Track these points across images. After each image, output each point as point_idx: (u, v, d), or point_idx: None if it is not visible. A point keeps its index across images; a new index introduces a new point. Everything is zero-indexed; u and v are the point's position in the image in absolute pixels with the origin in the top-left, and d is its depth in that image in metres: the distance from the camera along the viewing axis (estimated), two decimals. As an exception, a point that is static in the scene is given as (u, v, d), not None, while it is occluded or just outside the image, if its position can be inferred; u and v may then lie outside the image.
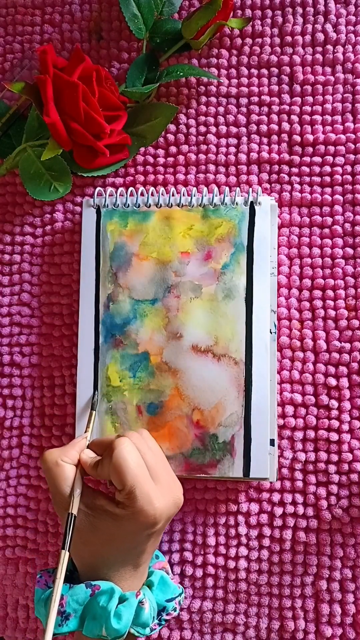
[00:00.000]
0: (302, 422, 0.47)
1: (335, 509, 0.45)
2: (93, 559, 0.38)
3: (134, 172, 0.51)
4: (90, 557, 0.38)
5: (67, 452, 0.39)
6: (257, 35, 0.51)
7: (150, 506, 0.36)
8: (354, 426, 0.46)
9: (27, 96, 0.46)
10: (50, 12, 0.54)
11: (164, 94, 0.52)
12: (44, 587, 0.39)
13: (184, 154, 0.51)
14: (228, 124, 0.51)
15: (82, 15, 0.53)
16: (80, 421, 0.46)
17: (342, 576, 0.45)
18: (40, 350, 0.50)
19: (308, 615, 0.45)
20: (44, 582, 0.39)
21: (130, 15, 0.49)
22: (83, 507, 0.37)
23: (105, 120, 0.47)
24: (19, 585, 0.49)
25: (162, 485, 0.38)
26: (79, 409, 0.47)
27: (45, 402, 0.49)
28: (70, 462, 0.39)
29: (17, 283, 0.51)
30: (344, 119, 0.50)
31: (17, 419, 0.50)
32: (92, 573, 0.38)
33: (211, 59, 0.51)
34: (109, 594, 0.36)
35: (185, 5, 0.52)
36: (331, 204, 0.49)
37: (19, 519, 0.49)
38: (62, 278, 0.50)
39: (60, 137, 0.46)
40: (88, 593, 0.37)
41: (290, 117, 0.50)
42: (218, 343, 0.46)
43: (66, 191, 0.49)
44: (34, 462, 0.49)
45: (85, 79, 0.45)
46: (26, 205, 0.52)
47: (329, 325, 0.47)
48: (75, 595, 0.36)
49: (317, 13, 0.51)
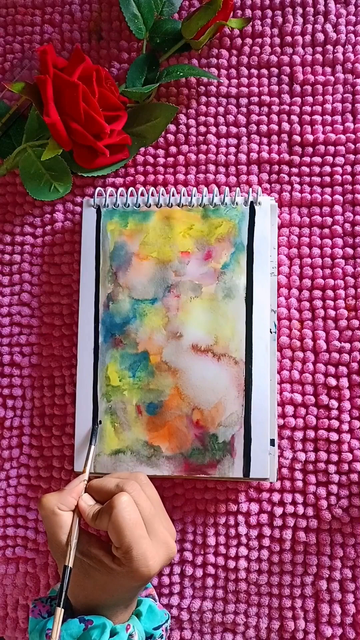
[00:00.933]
0: (302, 422, 0.47)
1: (335, 509, 0.45)
2: (86, 600, 0.38)
3: (134, 172, 0.51)
4: (84, 599, 0.38)
5: (65, 498, 0.39)
6: (257, 35, 0.51)
7: (146, 567, 0.36)
8: (354, 426, 0.46)
9: (27, 96, 0.46)
10: (50, 12, 0.54)
11: (164, 94, 0.52)
12: (37, 617, 0.40)
13: (184, 154, 0.51)
14: (228, 124, 0.51)
15: (82, 15, 0.53)
16: (80, 423, 0.46)
17: (342, 576, 0.45)
18: (40, 350, 0.50)
19: (308, 615, 0.45)
20: (38, 611, 0.40)
21: (130, 15, 0.49)
22: (79, 553, 0.38)
23: (105, 120, 0.47)
24: (19, 585, 0.49)
25: (157, 539, 0.38)
26: (79, 409, 0.47)
27: (46, 402, 0.49)
28: (67, 510, 0.39)
29: (17, 283, 0.51)
30: (344, 119, 0.50)
31: (17, 419, 0.50)
32: (86, 609, 0.39)
33: (211, 59, 0.51)
34: (101, 629, 0.37)
35: (185, 6, 0.52)
36: (331, 204, 0.49)
37: (19, 519, 0.49)
38: (62, 278, 0.50)
39: (60, 137, 0.46)
40: (81, 628, 0.37)
41: (290, 117, 0.50)
42: (218, 343, 0.46)
43: (66, 191, 0.49)
44: (34, 462, 0.49)
45: (85, 79, 0.45)
46: (26, 205, 0.52)
47: (329, 325, 0.47)
48: (69, 629, 0.37)
49: (317, 13, 0.51)
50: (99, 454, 0.46)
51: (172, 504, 0.47)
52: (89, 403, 0.47)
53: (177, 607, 0.46)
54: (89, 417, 0.46)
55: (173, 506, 0.47)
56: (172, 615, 0.47)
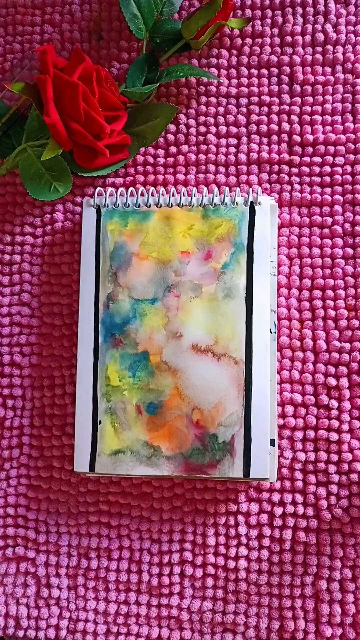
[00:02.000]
0: (302, 422, 0.47)
1: (335, 509, 0.45)
2: None
3: (134, 172, 0.51)
4: None
5: None
6: (257, 36, 0.51)
7: None
8: (354, 426, 0.46)
9: (27, 96, 0.46)
10: (50, 12, 0.54)
11: (164, 94, 0.52)
12: None
13: (184, 154, 0.51)
14: (228, 124, 0.51)
15: (82, 15, 0.53)
16: (80, 423, 0.46)
17: (342, 576, 0.45)
18: (40, 350, 0.50)
19: (308, 615, 0.45)
20: None
21: (131, 15, 0.49)
22: None
23: (105, 120, 0.47)
24: (19, 585, 0.49)
25: None
26: (79, 409, 0.47)
27: (45, 402, 0.49)
28: None
29: (17, 283, 0.51)
30: (344, 119, 0.50)
31: (17, 419, 0.50)
32: None
33: (211, 59, 0.51)
34: None
35: (185, 5, 0.52)
36: (331, 204, 0.49)
37: (19, 519, 0.49)
38: (62, 278, 0.51)
39: (60, 137, 0.46)
40: None
41: (290, 117, 0.50)
42: (218, 342, 0.46)
43: (66, 191, 0.49)
44: (34, 462, 0.49)
45: (85, 79, 0.45)
46: (26, 205, 0.52)
47: (329, 325, 0.47)
48: None
49: (317, 13, 0.51)
50: (99, 454, 0.46)
51: (172, 504, 0.47)
52: (89, 403, 0.47)
53: (177, 607, 0.47)
54: (89, 417, 0.46)
55: (173, 506, 0.47)
56: (172, 616, 0.47)
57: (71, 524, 0.48)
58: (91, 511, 0.48)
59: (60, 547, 0.48)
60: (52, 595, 0.48)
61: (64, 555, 0.48)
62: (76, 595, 0.48)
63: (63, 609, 0.48)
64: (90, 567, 0.48)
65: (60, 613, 0.48)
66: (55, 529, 0.48)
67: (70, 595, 0.48)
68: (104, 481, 0.48)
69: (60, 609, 0.48)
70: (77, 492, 0.48)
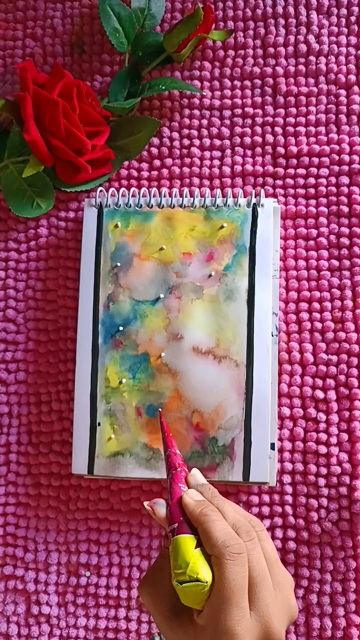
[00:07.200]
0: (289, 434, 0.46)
1: (325, 522, 0.45)
2: None
3: (118, 187, 0.51)
4: None
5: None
6: (240, 47, 0.51)
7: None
8: (342, 439, 0.46)
9: (8, 113, 0.45)
10: (32, 26, 0.53)
11: (147, 107, 0.51)
12: None
13: (168, 168, 0.50)
14: (212, 137, 0.50)
15: (64, 29, 0.53)
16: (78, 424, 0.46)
17: (332, 589, 0.45)
18: (26, 366, 0.50)
19: (299, 629, 0.45)
20: None
21: (111, 29, 0.49)
22: None
23: (86, 135, 0.46)
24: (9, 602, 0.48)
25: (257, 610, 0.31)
26: (77, 410, 0.46)
27: (32, 419, 0.49)
28: None
29: (2, 299, 0.51)
30: (328, 130, 0.49)
31: (4, 437, 0.49)
32: None
33: (194, 72, 0.51)
34: None
35: (167, 18, 0.52)
36: (316, 215, 0.48)
37: (8, 537, 0.48)
38: (47, 294, 0.50)
39: (42, 154, 0.45)
40: None
41: (274, 128, 0.50)
42: (219, 345, 0.45)
43: (49, 207, 0.49)
44: (22, 479, 0.49)
45: (65, 95, 0.45)
46: (10, 220, 0.51)
47: (316, 337, 0.47)
48: None
49: (300, 24, 0.51)
50: (98, 456, 0.45)
51: (160, 520, 0.47)
52: (87, 405, 0.46)
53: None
54: (87, 418, 0.46)
55: (162, 522, 0.47)
56: (163, 632, 0.46)
57: (60, 541, 0.48)
58: (80, 529, 0.48)
59: (49, 565, 0.48)
60: (42, 612, 0.47)
61: (53, 573, 0.48)
62: (66, 612, 0.47)
63: (54, 627, 0.47)
64: (80, 584, 0.47)
65: (50, 631, 0.47)
66: (44, 546, 0.48)
67: (61, 612, 0.48)
68: (93, 498, 0.48)
69: (50, 627, 0.47)
70: (66, 509, 0.48)
